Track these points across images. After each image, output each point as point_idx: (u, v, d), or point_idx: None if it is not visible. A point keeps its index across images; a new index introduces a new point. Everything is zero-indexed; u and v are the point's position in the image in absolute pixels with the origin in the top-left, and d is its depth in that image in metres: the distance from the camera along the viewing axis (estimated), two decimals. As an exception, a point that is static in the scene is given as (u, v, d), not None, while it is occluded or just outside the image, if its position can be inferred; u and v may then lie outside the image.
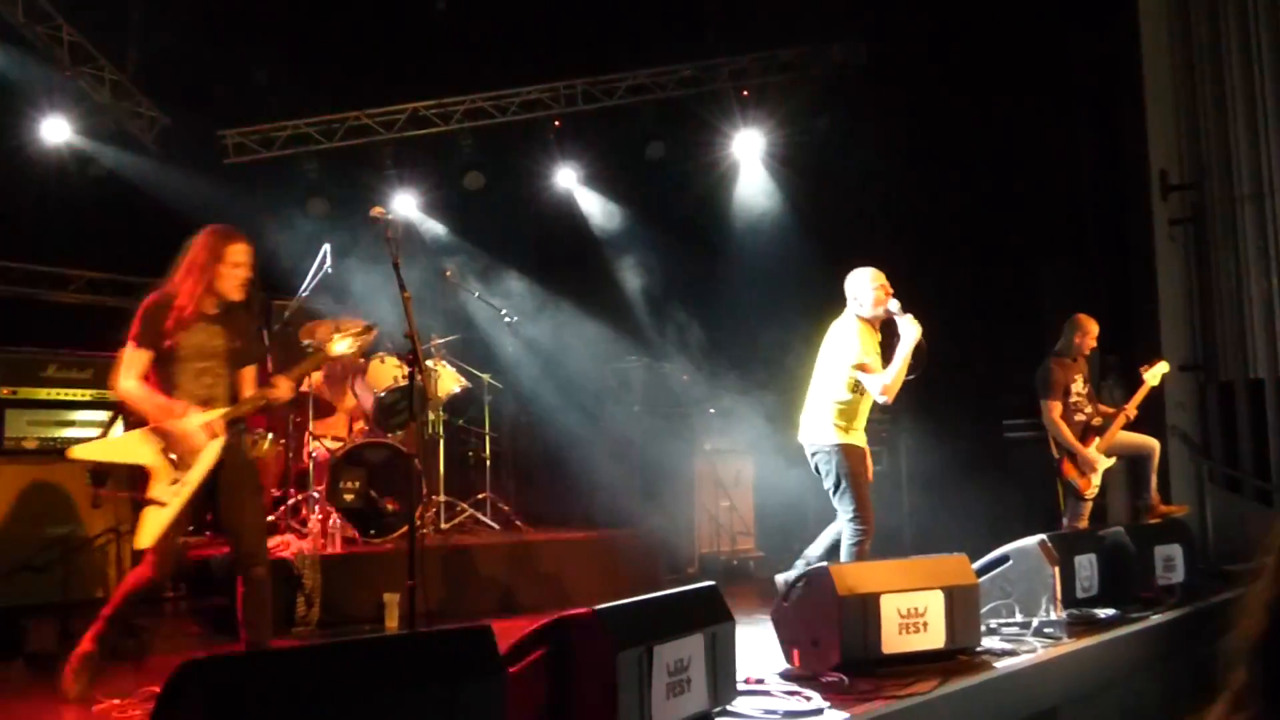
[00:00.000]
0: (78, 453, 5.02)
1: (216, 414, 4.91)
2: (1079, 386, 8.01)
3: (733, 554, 10.07)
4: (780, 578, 6.03)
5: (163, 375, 4.91)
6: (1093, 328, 8.05)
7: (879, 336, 6.55)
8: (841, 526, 6.34)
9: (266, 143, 12.65)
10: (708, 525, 10.00)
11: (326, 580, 7.00)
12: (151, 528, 4.77)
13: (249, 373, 5.15)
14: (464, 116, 12.69)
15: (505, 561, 8.10)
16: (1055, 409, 7.87)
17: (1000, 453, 10.41)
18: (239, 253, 5.05)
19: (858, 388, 6.36)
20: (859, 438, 6.47)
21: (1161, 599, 6.47)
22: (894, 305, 6.44)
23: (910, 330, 6.33)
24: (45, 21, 10.89)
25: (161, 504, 4.79)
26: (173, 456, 4.82)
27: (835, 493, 6.38)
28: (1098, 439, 7.89)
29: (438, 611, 4.63)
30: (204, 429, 4.86)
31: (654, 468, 10.08)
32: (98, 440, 5.02)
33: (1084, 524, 7.84)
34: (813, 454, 6.51)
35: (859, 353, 6.30)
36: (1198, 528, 8.40)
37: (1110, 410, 8.10)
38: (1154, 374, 7.97)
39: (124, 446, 4.89)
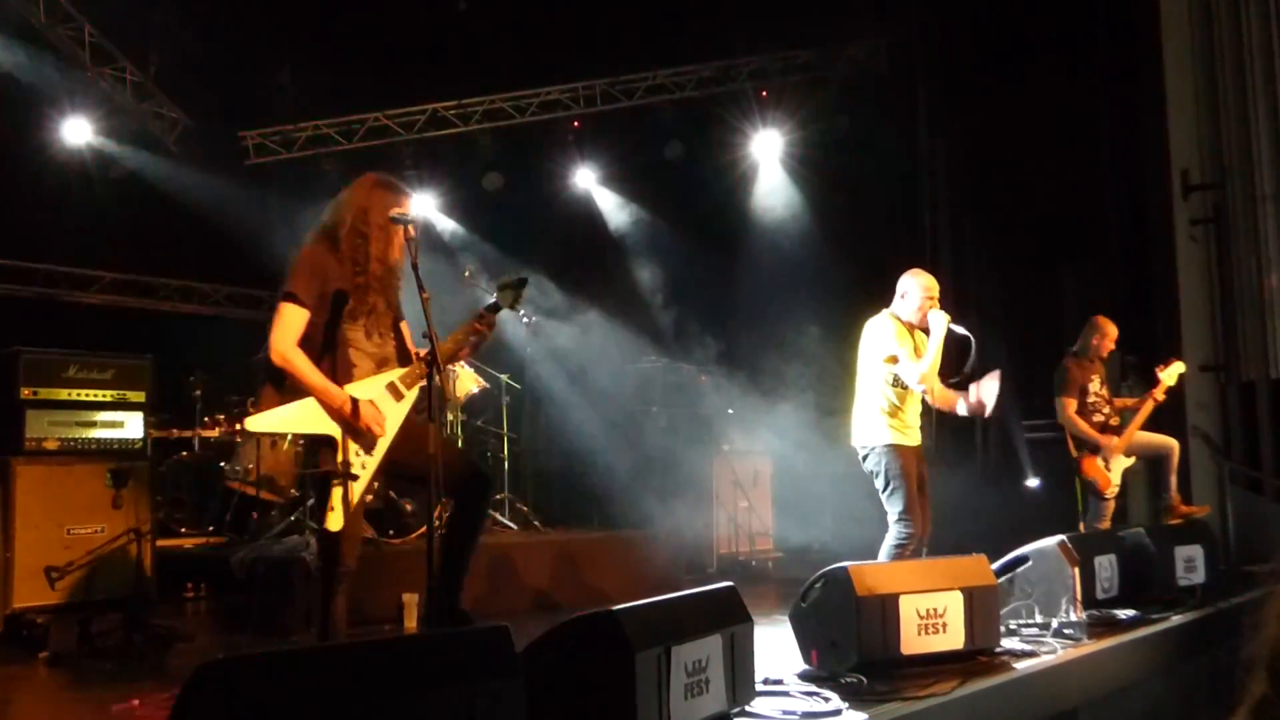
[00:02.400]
0: (254, 424, 4.57)
1: (396, 374, 4.61)
2: (1096, 386, 7.99)
3: (751, 554, 10.06)
4: None
5: (332, 336, 4.51)
6: (1111, 330, 8.04)
7: (914, 339, 6.50)
8: (892, 532, 6.30)
9: (287, 144, 12.72)
10: (726, 526, 10.00)
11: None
12: (344, 505, 4.38)
13: (404, 328, 4.83)
14: (483, 117, 12.73)
15: (523, 562, 8.11)
16: (1070, 406, 7.86)
17: (1021, 452, 10.39)
18: (402, 202, 4.71)
19: (898, 382, 6.35)
20: (911, 437, 6.42)
21: (1182, 600, 6.43)
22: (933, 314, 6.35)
23: (938, 320, 6.29)
24: (67, 22, 10.97)
25: (353, 477, 4.40)
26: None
27: (884, 492, 6.34)
28: (1116, 439, 7.86)
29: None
30: (388, 391, 4.55)
31: (672, 468, 10.08)
32: (272, 410, 4.45)
33: (1106, 524, 7.81)
34: (863, 455, 6.45)
35: (893, 346, 6.29)
36: (1219, 528, 8.35)
37: (1131, 402, 8.08)
38: (1170, 373, 7.94)
39: (303, 416, 4.36)
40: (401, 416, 4.60)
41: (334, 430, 4.42)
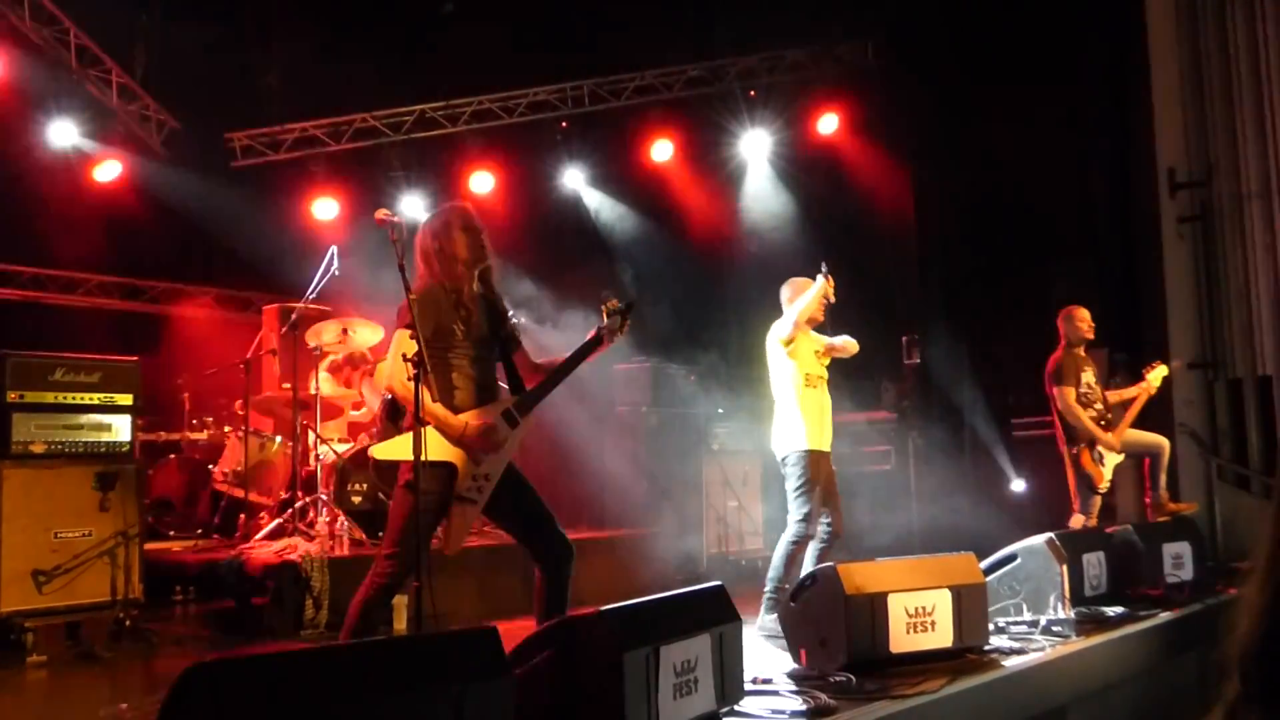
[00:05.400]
0: (379, 452, 4.71)
1: (511, 401, 4.74)
2: (1089, 378, 8.02)
3: (741, 554, 10.05)
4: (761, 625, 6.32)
5: (442, 364, 4.58)
6: (1084, 315, 8.10)
7: (813, 337, 6.80)
8: (792, 529, 6.52)
9: (274, 145, 12.67)
10: (716, 526, 9.99)
11: (335, 583, 7.01)
12: (462, 528, 4.59)
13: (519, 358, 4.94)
14: (471, 118, 12.71)
15: (512, 563, 8.09)
16: (1070, 395, 7.87)
17: (1009, 451, 10.41)
18: (467, 217, 4.86)
19: (810, 381, 6.63)
20: (824, 442, 6.64)
21: (1170, 597, 6.46)
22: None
23: (818, 280, 6.57)
24: (53, 24, 10.92)
25: (472, 501, 4.57)
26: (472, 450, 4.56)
27: (794, 494, 6.53)
28: (1112, 434, 7.89)
29: (445, 613, 4.63)
30: (504, 420, 4.63)
31: (662, 468, 10.07)
32: (396, 439, 4.60)
33: (1094, 520, 7.82)
34: (782, 458, 6.66)
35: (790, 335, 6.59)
36: (1206, 525, 8.38)
37: (1125, 394, 8.14)
38: (1155, 376, 8.05)
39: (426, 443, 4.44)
40: (518, 442, 4.73)
41: (454, 457, 4.54)
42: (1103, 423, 7.96)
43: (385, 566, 4.48)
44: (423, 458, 4.35)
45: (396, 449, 4.55)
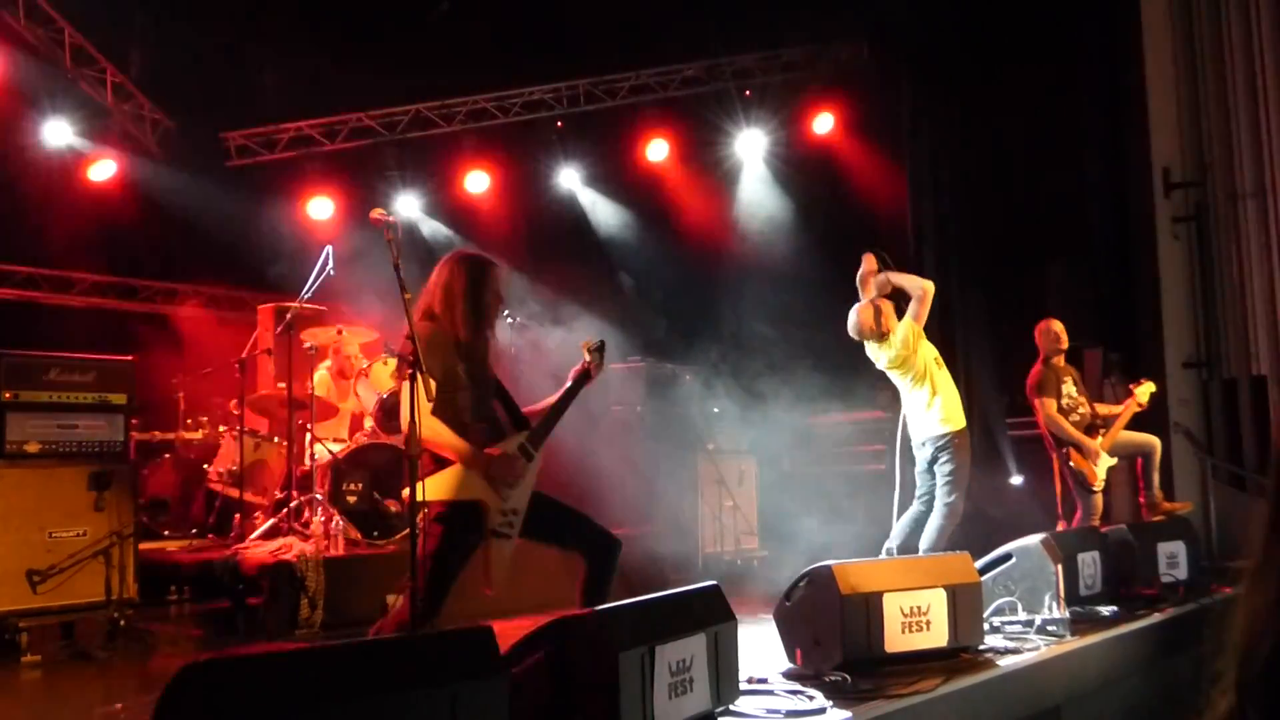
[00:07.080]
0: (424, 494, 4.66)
1: (523, 436, 4.77)
2: (1070, 388, 8.05)
3: (736, 554, 10.05)
4: None
5: (450, 407, 4.59)
6: (1056, 326, 8.22)
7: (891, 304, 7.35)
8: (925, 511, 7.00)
9: (269, 144, 12.67)
10: (711, 525, 9.98)
11: (330, 582, 7.00)
12: (500, 564, 4.60)
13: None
14: (467, 117, 12.71)
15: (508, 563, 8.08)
16: (1050, 406, 7.93)
17: (1006, 449, 10.39)
18: (500, 281, 4.86)
19: (938, 361, 7.21)
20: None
21: (1165, 596, 6.47)
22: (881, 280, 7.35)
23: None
24: (47, 24, 10.90)
25: (506, 536, 4.62)
26: (498, 485, 4.58)
27: (950, 477, 6.98)
28: (1100, 438, 7.90)
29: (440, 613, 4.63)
30: (520, 453, 4.68)
31: (657, 468, 10.06)
32: (431, 479, 4.52)
33: (1097, 520, 7.82)
34: (935, 440, 7.09)
35: (896, 330, 7.13)
36: (1201, 525, 8.40)
37: (1113, 409, 8.15)
38: (1142, 392, 8.12)
39: (455, 483, 4.51)
40: (535, 475, 4.78)
41: (480, 495, 4.55)
42: (1086, 427, 7.99)
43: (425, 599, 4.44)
44: (458, 497, 4.44)
45: (435, 489, 4.52)
